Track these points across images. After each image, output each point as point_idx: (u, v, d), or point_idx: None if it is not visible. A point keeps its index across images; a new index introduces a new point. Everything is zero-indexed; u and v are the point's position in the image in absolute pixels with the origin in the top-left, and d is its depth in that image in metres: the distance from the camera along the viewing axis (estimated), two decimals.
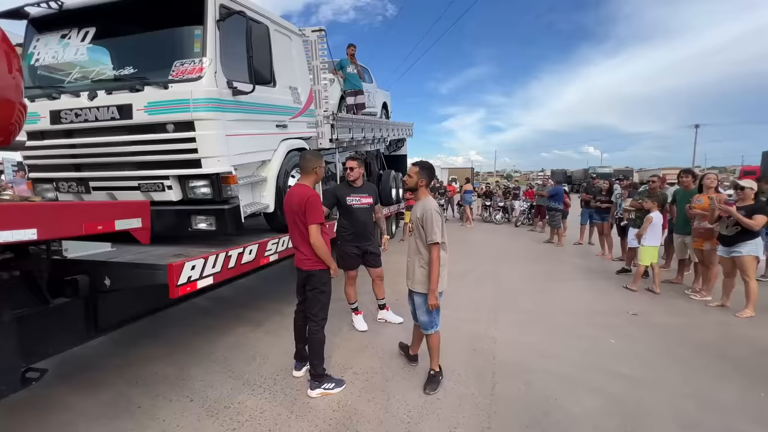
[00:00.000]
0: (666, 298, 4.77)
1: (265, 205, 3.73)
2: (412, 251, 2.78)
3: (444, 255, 2.66)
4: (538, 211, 10.62)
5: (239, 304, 4.64)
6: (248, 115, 3.41)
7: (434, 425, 2.33)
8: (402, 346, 3.25)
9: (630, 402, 2.57)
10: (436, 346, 2.78)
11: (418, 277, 2.71)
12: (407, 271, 2.84)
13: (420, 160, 2.87)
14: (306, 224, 2.61)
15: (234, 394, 2.70)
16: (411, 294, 2.81)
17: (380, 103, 9.15)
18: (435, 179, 16.43)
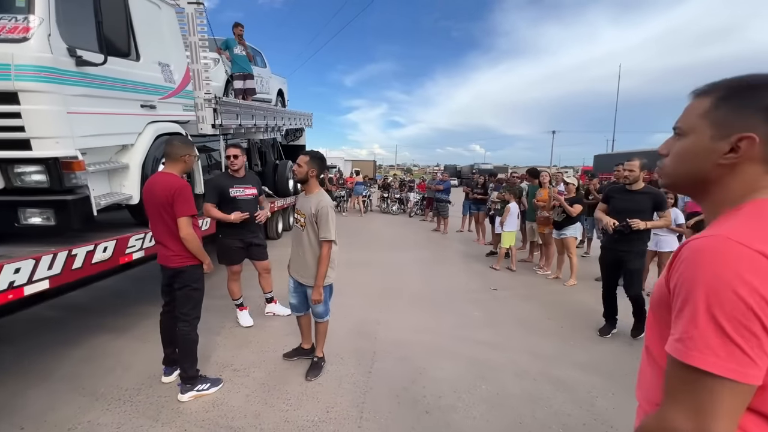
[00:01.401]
0: (520, 274, 5.76)
1: (127, 196, 3.27)
2: (304, 245, 2.67)
3: (335, 249, 2.67)
4: (429, 202, 11.59)
5: (98, 310, 4.00)
6: (100, 91, 2.94)
7: (312, 408, 2.42)
8: (288, 354, 3.08)
9: (482, 362, 3.07)
10: (324, 332, 2.86)
11: (304, 269, 2.69)
12: (294, 263, 2.80)
13: (311, 150, 2.82)
14: (174, 217, 2.40)
15: (82, 412, 2.35)
16: (301, 286, 2.78)
17: (275, 90, 8.74)
18: (338, 172, 16.41)
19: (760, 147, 0.65)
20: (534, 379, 2.85)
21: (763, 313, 0.56)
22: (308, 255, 2.66)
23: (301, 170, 2.63)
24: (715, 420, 0.59)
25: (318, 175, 2.69)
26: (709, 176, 0.71)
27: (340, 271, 5.42)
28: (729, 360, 0.58)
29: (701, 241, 0.64)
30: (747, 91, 0.67)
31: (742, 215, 0.67)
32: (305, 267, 2.69)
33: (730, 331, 0.58)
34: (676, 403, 0.62)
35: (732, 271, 0.59)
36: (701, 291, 0.60)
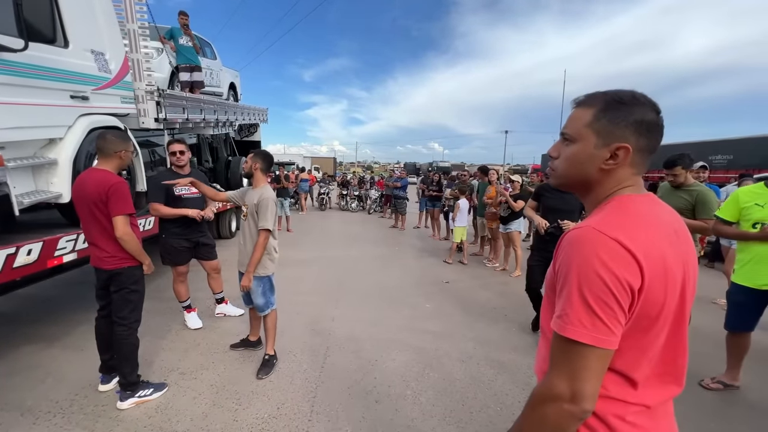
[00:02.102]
0: (471, 267, 6.06)
1: (55, 194, 3.03)
2: (246, 235, 2.78)
3: (273, 241, 2.77)
4: (387, 199, 11.75)
5: (24, 319, 3.67)
6: (23, 80, 2.70)
7: (262, 406, 2.42)
8: (234, 345, 3.16)
9: (431, 351, 3.22)
10: (272, 327, 2.88)
11: (246, 260, 2.74)
12: (239, 254, 2.85)
13: (257, 149, 3.06)
14: (108, 216, 2.27)
15: (4, 429, 2.17)
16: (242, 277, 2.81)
17: (227, 83, 8.41)
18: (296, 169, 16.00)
19: (632, 156, 0.79)
20: (477, 363, 3.05)
21: (616, 290, 0.69)
22: (248, 245, 2.75)
23: (246, 165, 2.81)
24: (584, 381, 0.71)
25: (263, 170, 2.81)
26: (592, 178, 0.83)
27: (296, 268, 5.41)
28: (594, 330, 0.70)
29: (575, 231, 0.76)
30: (619, 105, 0.78)
31: (607, 209, 0.80)
32: (246, 256, 2.76)
33: (594, 307, 0.70)
34: (556, 370, 0.74)
35: (594, 255, 0.71)
36: (574, 274, 0.72)
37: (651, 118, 0.78)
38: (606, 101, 0.80)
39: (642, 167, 0.82)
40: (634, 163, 0.80)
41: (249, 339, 3.14)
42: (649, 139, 0.79)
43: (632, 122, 0.77)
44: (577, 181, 0.86)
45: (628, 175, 0.81)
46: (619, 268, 0.69)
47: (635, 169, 0.81)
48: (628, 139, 0.78)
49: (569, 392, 0.71)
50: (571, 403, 0.71)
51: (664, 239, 0.75)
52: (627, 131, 0.77)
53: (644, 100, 0.79)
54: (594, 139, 0.80)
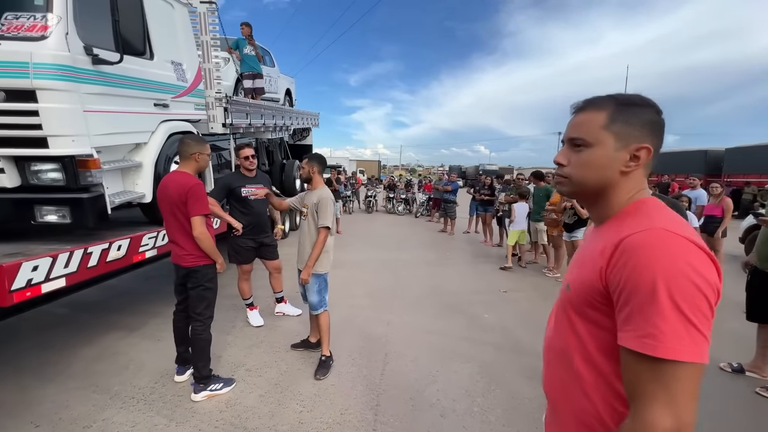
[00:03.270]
0: (530, 276, 5.72)
1: (140, 195, 3.28)
2: (305, 234, 2.88)
3: (329, 240, 2.82)
4: (435, 203, 11.55)
5: (110, 308, 4.02)
6: (115, 90, 2.94)
7: (326, 410, 2.40)
8: (295, 345, 3.21)
9: (494, 365, 3.04)
10: (325, 327, 2.90)
11: (306, 257, 2.81)
12: (298, 254, 2.93)
13: (311, 153, 3.18)
14: (187, 216, 2.39)
15: (97, 411, 2.35)
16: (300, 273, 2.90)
17: (283, 90, 8.75)
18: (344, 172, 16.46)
19: (650, 157, 0.77)
20: None
21: (711, 296, 0.63)
22: (307, 243, 2.85)
23: (304, 170, 2.94)
24: (689, 408, 0.62)
25: (319, 172, 2.93)
26: (612, 182, 0.79)
27: (348, 269, 5.43)
28: (695, 345, 0.61)
29: (642, 235, 0.67)
30: (631, 107, 0.77)
31: (646, 211, 0.75)
32: (304, 255, 2.86)
33: (692, 318, 0.61)
34: (653, 401, 0.62)
35: (682, 260, 0.63)
36: (661, 282, 0.62)
37: (658, 119, 0.78)
38: (618, 103, 0.78)
39: (650, 168, 0.80)
40: (649, 164, 0.78)
41: (309, 340, 3.17)
42: (660, 140, 0.78)
43: (646, 122, 0.77)
44: (595, 187, 0.81)
45: (642, 176, 0.80)
46: (708, 271, 0.64)
47: (647, 170, 0.80)
48: (647, 140, 0.76)
49: (675, 425, 0.60)
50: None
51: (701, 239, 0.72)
52: (644, 131, 0.76)
53: (650, 101, 0.79)
54: (613, 141, 0.77)
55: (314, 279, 2.83)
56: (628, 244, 0.68)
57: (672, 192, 10.47)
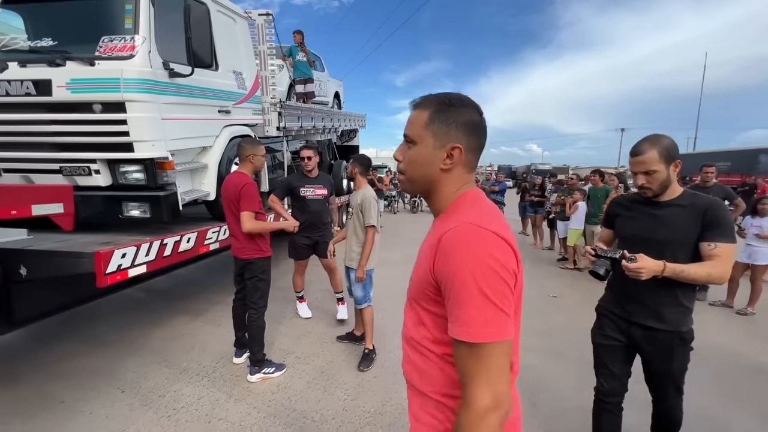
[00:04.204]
0: (580, 280, 5.41)
1: (205, 193, 3.63)
2: (350, 232, 3.03)
3: (376, 237, 2.94)
4: None
5: (177, 295, 4.48)
6: (187, 99, 3.29)
7: (368, 400, 2.51)
8: (341, 337, 3.38)
9: (540, 372, 2.95)
10: (369, 321, 3.02)
11: (354, 255, 2.96)
12: (345, 252, 3.08)
13: (356, 154, 3.36)
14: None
15: (170, 383, 2.67)
16: (347, 271, 3.06)
17: (332, 93, 9.08)
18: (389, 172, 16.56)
19: (466, 155, 0.83)
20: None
21: (509, 280, 0.71)
22: (353, 241, 2.99)
23: (349, 170, 3.17)
24: (502, 381, 0.69)
25: (361, 173, 3.07)
26: (435, 178, 0.85)
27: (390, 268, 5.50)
28: (503, 326, 0.69)
29: (457, 230, 0.74)
30: (449, 107, 0.81)
31: (465, 205, 0.81)
32: (350, 252, 3.01)
33: (495, 301, 0.69)
34: (476, 383, 0.69)
35: (484, 251, 0.71)
36: (468, 274, 0.69)
37: (477, 119, 0.83)
38: (438, 103, 0.83)
39: (474, 165, 0.86)
40: (468, 161, 0.84)
41: (354, 333, 3.31)
42: (478, 139, 0.84)
43: (462, 123, 0.81)
44: (424, 182, 0.87)
45: (464, 173, 0.85)
46: (507, 258, 0.72)
47: (469, 167, 0.86)
48: (461, 140, 0.81)
49: (494, 400, 0.68)
50: (496, 410, 0.68)
51: (508, 227, 0.81)
52: (459, 132, 0.81)
53: (470, 102, 0.84)
54: (432, 140, 0.82)
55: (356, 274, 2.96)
56: (445, 240, 0.75)
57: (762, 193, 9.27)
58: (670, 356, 1.62)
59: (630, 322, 1.68)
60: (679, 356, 1.63)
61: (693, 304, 1.62)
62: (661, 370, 1.67)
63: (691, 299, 1.61)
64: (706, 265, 1.47)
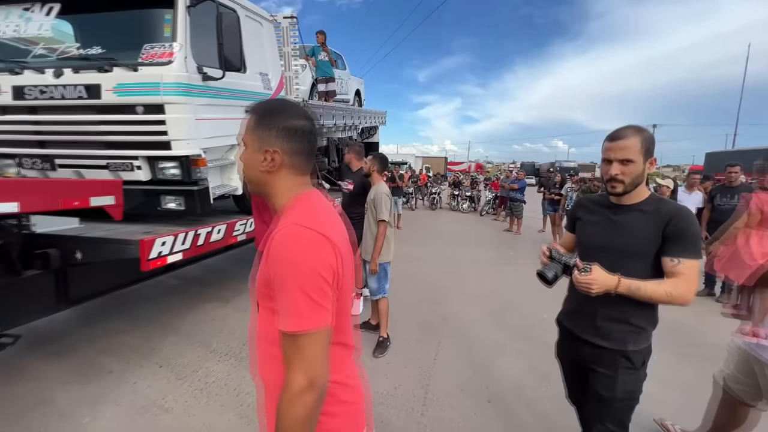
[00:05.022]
0: None
1: (233, 188, 3.89)
2: (366, 227, 3.23)
3: (389, 231, 3.12)
4: (502, 201, 11.22)
5: (208, 283, 4.80)
6: (218, 100, 3.53)
7: (381, 383, 2.69)
8: (355, 326, 3.57)
9: (548, 364, 3.02)
10: (384, 312, 3.19)
11: (370, 249, 3.14)
12: (362, 246, 3.26)
13: (375, 152, 3.49)
14: None
15: (202, 360, 2.94)
16: (364, 263, 3.25)
17: (353, 91, 9.27)
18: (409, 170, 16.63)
19: (284, 157, 0.87)
20: None
21: (326, 275, 0.79)
22: (368, 235, 3.18)
23: (366, 166, 3.33)
24: (317, 365, 0.78)
25: (378, 170, 3.24)
26: (260, 180, 0.90)
27: (407, 263, 5.66)
28: (316, 316, 0.77)
29: (284, 230, 0.80)
30: (270, 114, 0.88)
31: (298, 206, 0.87)
32: (366, 246, 3.18)
33: (312, 295, 0.77)
34: (293, 368, 0.77)
35: (304, 249, 0.78)
36: (289, 271, 0.77)
37: (297, 125, 0.88)
38: (262, 109, 0.90)
39: (303, 167, 0.91)
40: (293, 164, 0.89)
41: (370, 322, 3.50)
42: (300, 143, 0.89)
43: (280, 128, 0.86)
44: (255, 183, 0.92)
45: (292, 175, 0.91)
46: (325, 254, 0.80)
47: (297, 170, 0.91)
48: (280, 144, 0.87)
49: (308, 381, 0.76)
50: (311, 390, 0.76)
51: (337, 223, 0.90)
52: (276, 137, 0.86)
53: (294, 109, 0.90)
54: (255, 143, 0.88)
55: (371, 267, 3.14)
56: (272, 240, 0.81)
57: None
58: (613, 380, 1.38)
59: (577, 338, 1.50)
60: (623, 380, 1.37)
61: (651, 325, 1.42)
62: (600, 398, 1.41)
63: (647, 319, 1.40)
64: (667, 283, 1.28)
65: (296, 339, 0.77)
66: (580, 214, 1.60)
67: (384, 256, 3.14)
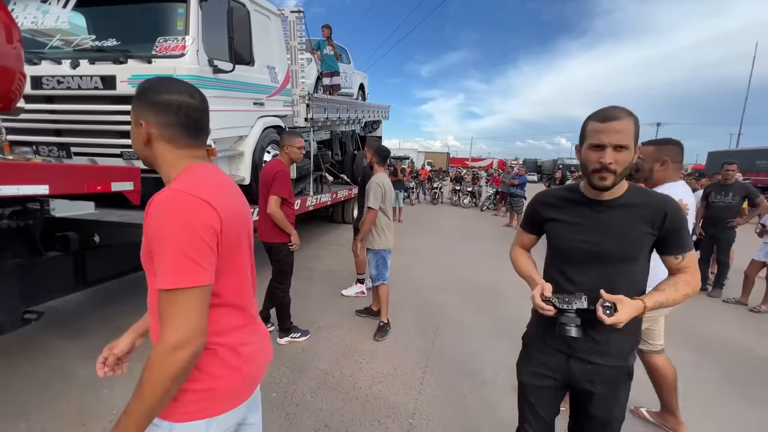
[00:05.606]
0: None
1: (241, 178, 4.01)
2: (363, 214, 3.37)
3: (385, 219, 3.26)
4: (502, 197, 11.33)
5: None
6: (227, 92, 3.65)
7: (381, 364, 2.83)
8: (359, 311, 3.71)
9: None
10: (383, 299, 3.33)
11: (369, 237, 3.27)
12: None
13: (377, 144, 3.57)
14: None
15: None
16: (367, 251, 3.38)
17: (357, 84, 9.33)
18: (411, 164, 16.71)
19: (158, 130, 0.90)
20: None
21: (205, 234, 0.82)
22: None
23: (367, 158, 3.44)
24: (192, 321, 0.79)
25: (378, 162, 3.33)
26: (144, 153, 0.95)
27: (408, 255, 5.80)
28: (192, 274, 0.79)
29: (161, 195, 0.83)
30: (143, 90, 0.92)
31: (183, 176, 0.90)
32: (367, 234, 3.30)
33: (190, 254, 0.79)
34: (168, 325, 0.79)
35: (182, 211, 0.81)
36: (167, 232, 0.80)
37: (165, 99, 0.90)
38: (139, 87, 0.94)
39: (181, 140, 0.92)
40: (167, 137, 0.91)
41: (371, 308, 3.64)
42: (168, 115, 0.90)
43: (149, 103, 0.90)
44: (142, 157, 0.96)
45: (172, 147, 0.92)
46: (202, 216, 0.82)
47: (175, 143, 0.92)
48: (149, 117, 0.90)
49: (183, 338, 0.77)
50: (183, 348, 0.76)
51: (227, 194, 0.93)
52: (147, 111, 0.90)
53: (167, 84, 0.92)
54: (133, 118, 0.93)
55: (372, 254, 3.29)
56: (149, 206, 0.83)
57: None
58: (613, 397, 1.25)
59: (569, 356, 1.27)
60: (623, 396, 1.27)
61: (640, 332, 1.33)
62: (600, 416, 1.27)
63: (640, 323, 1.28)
64: (680, 283, 1.18)
65: (173, 296, 0.78)
66: (550, 214, 1.32)
67: (382, 243, 3.25)
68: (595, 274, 1.20)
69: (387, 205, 3.28)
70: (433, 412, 2.34)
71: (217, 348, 0.90)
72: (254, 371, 1.00)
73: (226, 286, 0.91)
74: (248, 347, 0.97)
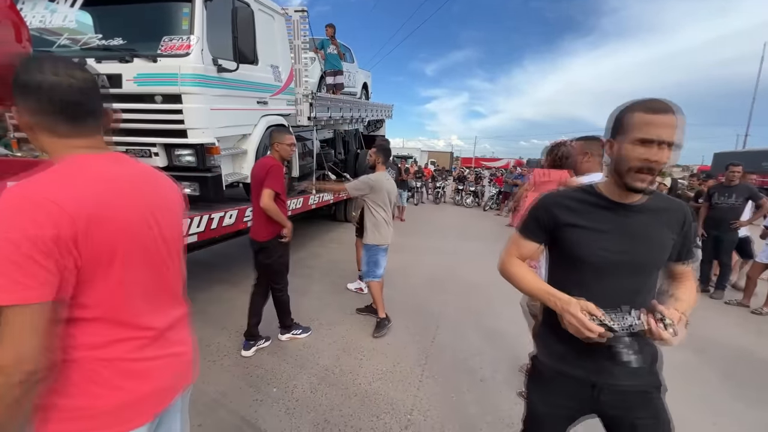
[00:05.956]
0: None
1: (244, 176, 4.05)
2: (366, 213, 3.36)
3: (382, 215, 3.28)
4: (505, 196, 11.32)
5: (216, 267, 5.00)
6: (231, 91, 3.69)
7: (381, 361, 2.87)
8: (360, 309, 3.74)
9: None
10: (375, 295, 3.36)
11: (368, 234, 3.31)
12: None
13: (379, 143, 3.56)
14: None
15: (213, 337, 3.13)
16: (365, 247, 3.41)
17: (360, 83, 9.36)
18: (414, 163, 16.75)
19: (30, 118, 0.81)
20: None
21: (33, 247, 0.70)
22: (368, 222, 3.32)
23: (370, 159, 3.42)
24: (22, 339, 0.70)
25: (383, 162, 3.34)
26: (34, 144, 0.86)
27: (408, 254, 5.81)
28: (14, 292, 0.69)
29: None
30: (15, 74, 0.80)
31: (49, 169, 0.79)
32: (366, 231, 3.33)
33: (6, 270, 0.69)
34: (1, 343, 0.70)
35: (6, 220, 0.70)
36: None
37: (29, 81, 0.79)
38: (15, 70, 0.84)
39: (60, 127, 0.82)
40: (42, 125, 0.81)
41: (372, 306, 3.65)
42: (37, 101, 0.80)
43: (17, 86, 0.80)
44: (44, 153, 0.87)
45: (53, 137, 0.83)
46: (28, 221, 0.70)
47: (54, 132, 0.82)
48: (18, 103, 0.81)
49: (13, 360, 0.69)
50: (15, 369, 0.69)
51: (107, 191, 0.81)
52: (17, 96, 0.80)
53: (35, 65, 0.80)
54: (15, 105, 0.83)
55: (365, 250, 3.34)
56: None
57: None
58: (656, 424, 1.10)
59: (594, 385, 1.11)
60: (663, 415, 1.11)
61: None
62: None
63: None
64: (689, 288, 1.13)
65: (3, 313, 0.70)
66: (567, 218, 1.12)
67: (376, 239, 3.26)
68: (619, 287, 1.05)
69: (379, 200, 3.25)
70: (431, 408, 2.37)
71: (87, 363, 0.81)
72: (151, 388, 0.91)
73: (96, 297, 0.81)
74: (141, 364, 0.88)
